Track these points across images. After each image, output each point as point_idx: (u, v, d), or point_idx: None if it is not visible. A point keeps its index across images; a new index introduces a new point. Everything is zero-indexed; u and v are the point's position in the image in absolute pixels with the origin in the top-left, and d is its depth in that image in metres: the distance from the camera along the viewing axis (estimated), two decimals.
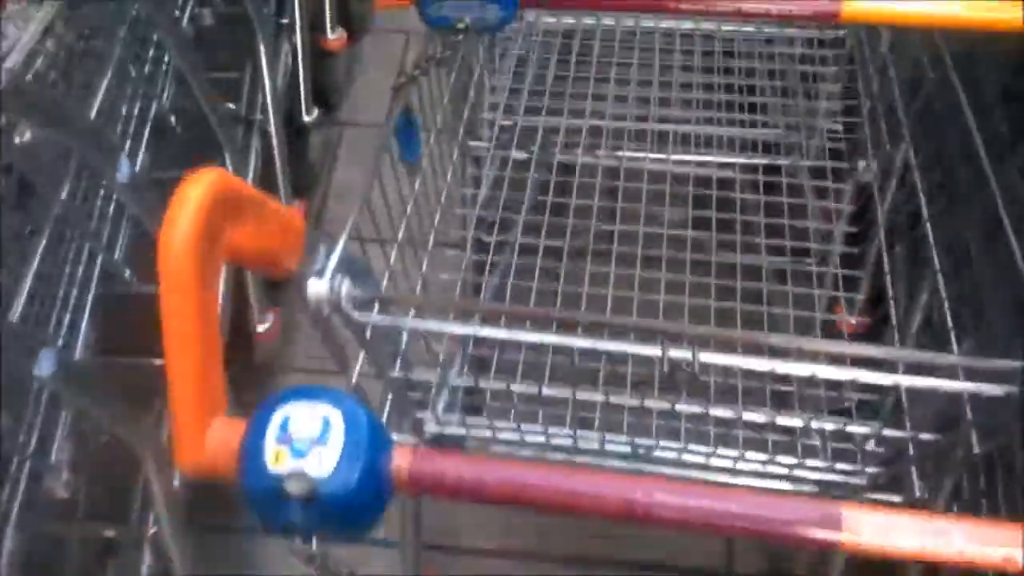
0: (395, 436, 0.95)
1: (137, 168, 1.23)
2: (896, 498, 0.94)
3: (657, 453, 0.97)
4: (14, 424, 1.02)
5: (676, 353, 0.72)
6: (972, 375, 0.71)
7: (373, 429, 0.58)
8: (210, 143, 1.42)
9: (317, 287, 0.72)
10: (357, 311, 0.76)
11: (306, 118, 1.84)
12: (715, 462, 0.97)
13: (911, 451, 0.90)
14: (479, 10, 0.87)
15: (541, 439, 0.99)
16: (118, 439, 1.10)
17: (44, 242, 1.10)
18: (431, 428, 1.03)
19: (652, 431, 0.97)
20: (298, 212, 1.70)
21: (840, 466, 0.95)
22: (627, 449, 0.96)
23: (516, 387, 0.93)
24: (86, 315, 1.17)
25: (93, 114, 1.15)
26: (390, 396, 0.94)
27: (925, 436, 0.86)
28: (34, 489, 1.09)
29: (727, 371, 0.88)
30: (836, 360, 0.80)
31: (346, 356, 0.87)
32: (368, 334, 0.79)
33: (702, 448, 0.94)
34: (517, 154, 1.33)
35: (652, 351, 0.75)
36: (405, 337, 0.86)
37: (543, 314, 0.88)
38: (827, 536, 0.52)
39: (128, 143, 1.26)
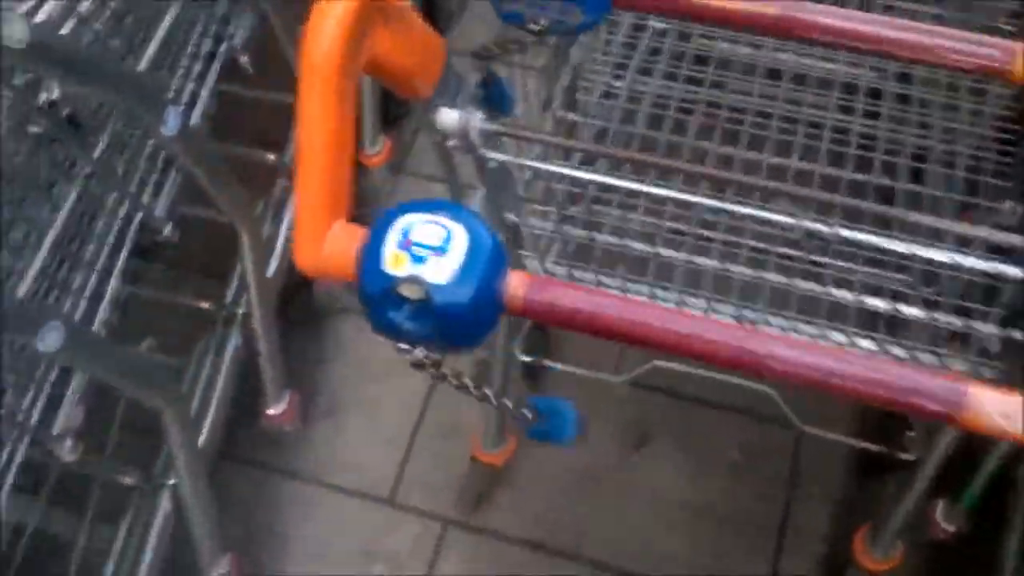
0: None
1: (196, 117, 1.15)
2: None
3: (763, 327, 0.94)
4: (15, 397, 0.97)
5: (813, 224, 0.69)
6: None
7: (494, 248, 0.57)
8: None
9: (449, 116, 0.71)
10: (484, 145, 0.75)
11: None
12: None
13: None
14: (559, 11, 0.72)
15: (645, 297, 0.97)
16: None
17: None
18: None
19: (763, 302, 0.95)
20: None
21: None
22: (733, 318, 0.94)
23: (632, 243, 0.91)
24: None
25: (145, 61, 1.04)
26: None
27: None
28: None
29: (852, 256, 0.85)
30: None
31: (462, 190, 0.87)
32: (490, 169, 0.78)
33: (811, 329, 0.91)
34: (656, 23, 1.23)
35: (786, 219, 0.72)
36: (527, 176, 0.85)
37: (685, 168, 0.83)
38: (949, 409, 0.50)
39: (188, 90, 1.14)
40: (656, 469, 1.45)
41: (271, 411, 1.40)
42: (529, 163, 0.82)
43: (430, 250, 0.56)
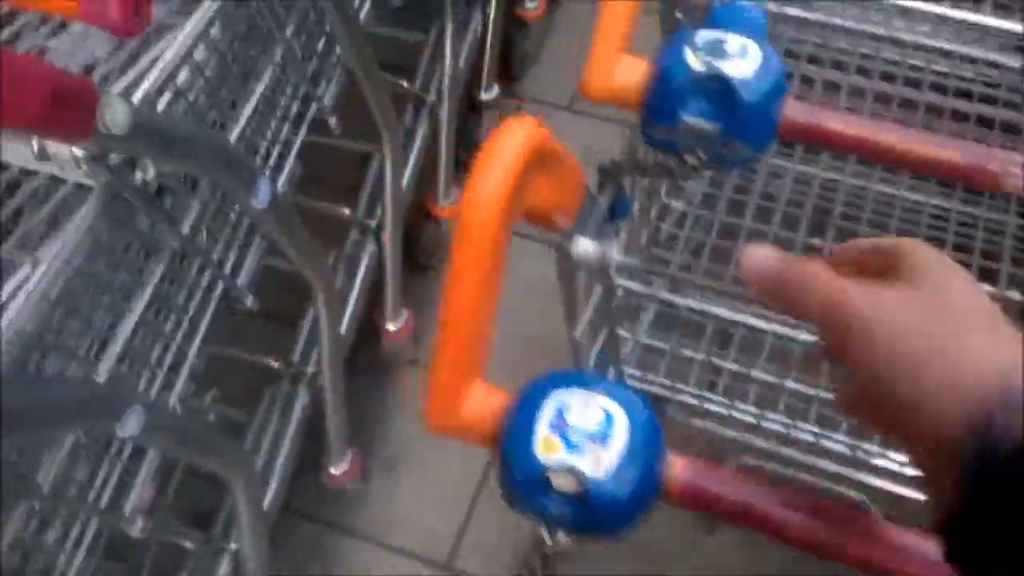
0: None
1: (282, 184, 1.13)
2: None
3: None
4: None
5: None
6: None
7: (654, 431, 0.53)
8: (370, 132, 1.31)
9: (586, 247, 0.67)
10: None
11: (484, 95, 1.69)
12: None
13: None
14: (720, 146, 0.66)
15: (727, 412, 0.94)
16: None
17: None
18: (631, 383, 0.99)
19: None
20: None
21: None
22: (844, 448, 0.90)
23: (755, 372, 0.87)
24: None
25: (239, 129, 1.01)
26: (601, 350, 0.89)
27: None
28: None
29: None
30: None
31: (576, 311, 0.82)
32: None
33: None
34: None
35: None
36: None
37: None
38: None
39: (276, 154, 1.11)
40: (726, 549, 1.40)
41: (334, 470, 1.36)
42: (665, 296, 0.77)
43: (588, 437, 0.52)
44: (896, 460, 0.93)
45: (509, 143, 0.52)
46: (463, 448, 1.49)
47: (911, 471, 0.94)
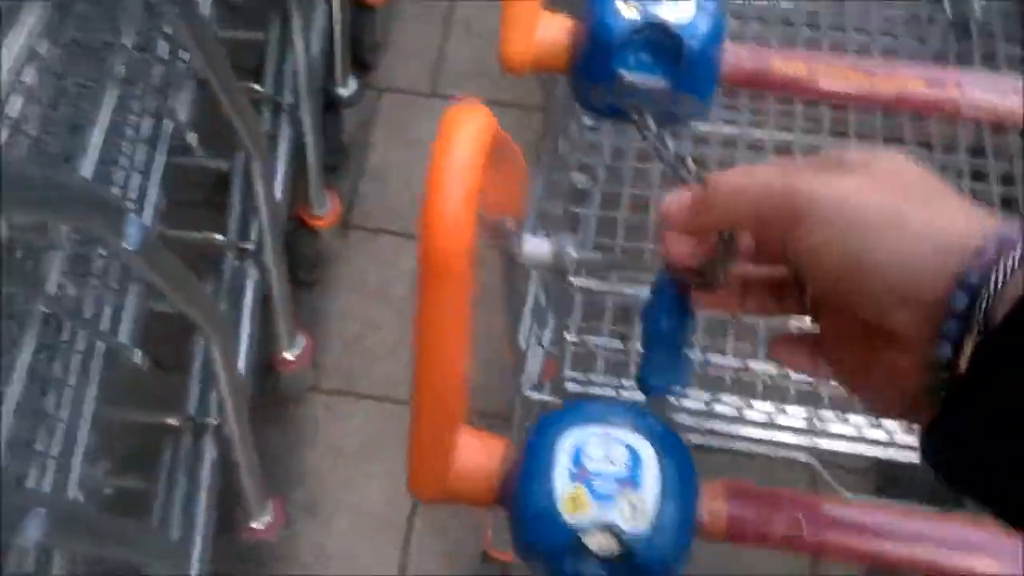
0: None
1: (150, 218, 0.99)
2: None
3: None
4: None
5: None
6: None
7: (684, 457, 0.45)
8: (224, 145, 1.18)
9: (539, 246, 0.58)
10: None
11: (342, 91, 1.55)
12: None
13: None
14: (668, 101, 0.60)
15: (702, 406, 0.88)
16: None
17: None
18: (572, 388, 0.91)
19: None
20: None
21: None
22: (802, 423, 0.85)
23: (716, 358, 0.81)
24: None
25: (90, 161, 0.88)
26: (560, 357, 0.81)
27: None
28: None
29: None
30: None
31: (519, 318, 0.73)
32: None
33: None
34: None
35: None
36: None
37: None
38: None
39: (136, 185, 0.97)
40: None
41: (255, 524, 1.23)
42: (629, 291, 0.70)
43: (617, 483, 0.43)
44: (853, 423, 0.89)
45: (463, 141, 0.42)
46: (386, 473, 1.39)
47: (869, 432, 0.90)
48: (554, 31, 0.61)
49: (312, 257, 1.50)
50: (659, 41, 0.58)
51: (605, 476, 0.43)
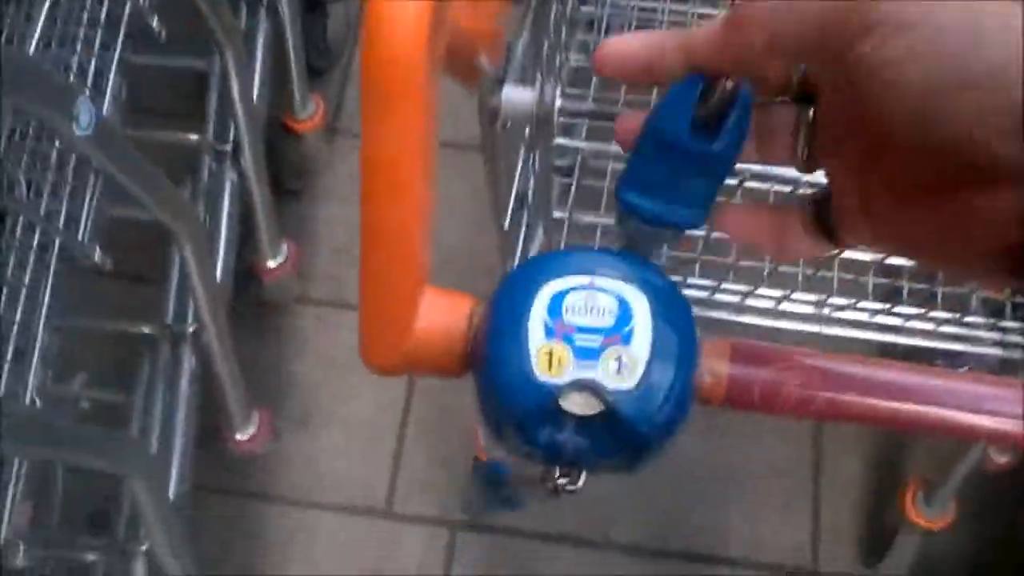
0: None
1: (107, 106, 0.91)
2: None
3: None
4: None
5: None
6: None
7: (684, 310, 0.39)
8: (201, 44, 1.09)
9: (520, 95, 0.51)
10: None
11: None
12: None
13: None
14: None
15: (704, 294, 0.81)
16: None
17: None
18: None
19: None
20: None
21: None
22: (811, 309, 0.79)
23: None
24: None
25: (35, 39, 0.79)
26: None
27: None
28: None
29: None
30: None
31: (503, 190, 0.66)
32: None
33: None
34: None
35: None
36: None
37: None
38: None
39: (91, 71, 0.89)
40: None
41: (240, 436, 1.19)
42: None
43: (601, 335, 0.37)
44: (864, 309, 0.83)
45: None
46: (376, 384, 1.34)
47: (881, 317, 0.84)
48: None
49: (296, 162, 1.43)
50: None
51: (588, 330, 0.37)
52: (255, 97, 1.24)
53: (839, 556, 1.21)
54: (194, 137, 1.18)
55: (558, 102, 0.50)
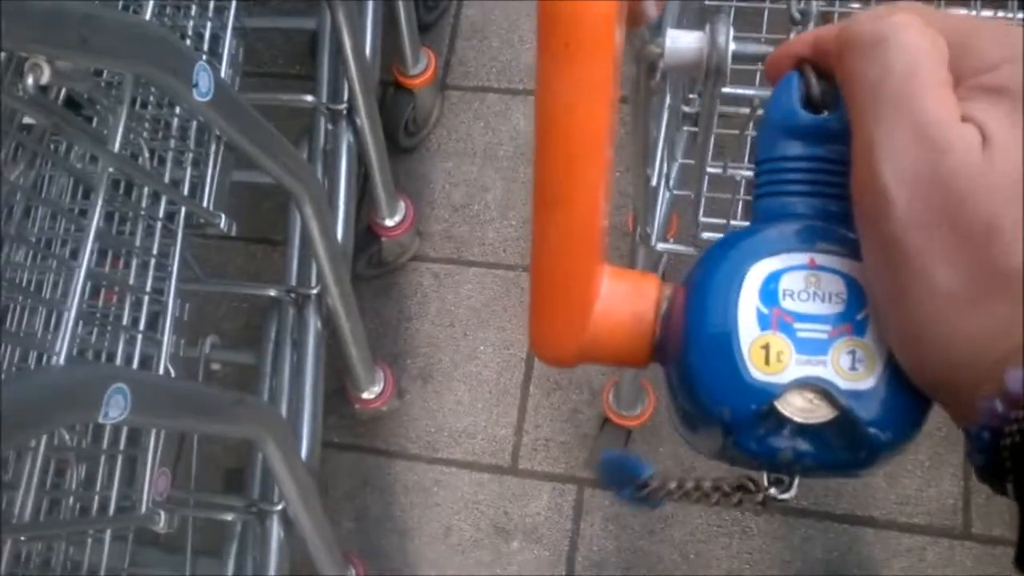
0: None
1: (225, 70, 0.85)
2: None
3: None
4: None
5: None
6: None
7: None
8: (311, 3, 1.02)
9: (686, 39, 0.44)
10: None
11: None
12: None
13: None
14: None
15: None
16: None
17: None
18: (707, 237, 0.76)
19: None
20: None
21: None
22: None
23: None
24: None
25: (150, 5, 0.73)
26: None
27: None
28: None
29: None
30: None
31: (651, 145, 0.59)
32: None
33: None
34: None
35: None
36: None
37: None
38: None
39: (207, 35, 0.83)
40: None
41: (366, 395, 1.16)
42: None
43: (829, 323, 0.30)
44: None
45: None
46: (496, 341, 1.29)
47: None
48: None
49: (410, 119, 1.37)
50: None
51: (812, 318, 0.30)
52: (368, 55, 1.18)
53: (993, 517, 1.12)
54: (309, 98, 1.13)
55: (732, 46, 0.43)
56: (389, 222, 1.26)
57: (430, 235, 1.34)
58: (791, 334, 0.30)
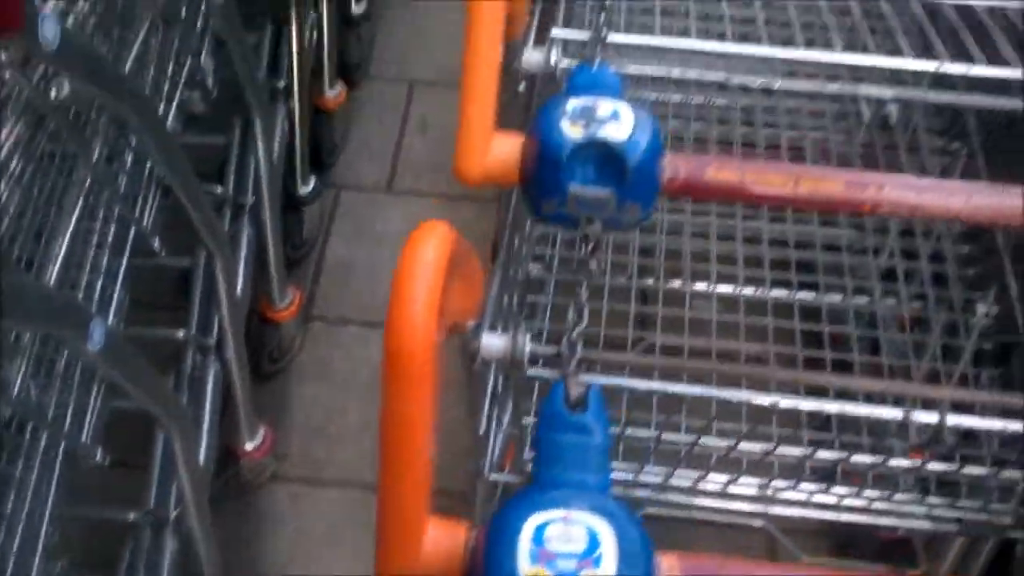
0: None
1: (112, 318, 1.00)
2: None
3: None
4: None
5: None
6: None
7: (642, 538, 0.46)
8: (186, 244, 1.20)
9: (495, 343, 0.60)
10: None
11: (302, 190, 1.57)
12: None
13: None
14: (614, 210, 0.62)
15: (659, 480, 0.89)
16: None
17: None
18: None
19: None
20: None
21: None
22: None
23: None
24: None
25: (56, 268, 0.90)
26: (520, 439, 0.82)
27: None
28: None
29: None
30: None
31: (480, 409, 0.75)
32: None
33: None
34: None
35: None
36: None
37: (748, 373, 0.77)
38: None
39: (99, 286, 0.99)
40: None
41: None
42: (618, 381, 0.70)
43: (576, 559, 0.44)
44: (803, 490, 0.91)
45: (426, 255, 0.44)
46: (349, 559, 1.36)
47: (818, 497, 0.92)
48: (506, 149, 0.64)
49: (274, 349, 1.50)
50: (602, 157, 0.61)
51: (566, 556, 0.44)
52: (239, 294, 1.32)
53: None
54: (181, 334, 1.24)
55: (527, 349, 0.60)
56: (249, 445, 1.35)
57: (288, 455, 1.43)
58: (553, 567, 0.44)
